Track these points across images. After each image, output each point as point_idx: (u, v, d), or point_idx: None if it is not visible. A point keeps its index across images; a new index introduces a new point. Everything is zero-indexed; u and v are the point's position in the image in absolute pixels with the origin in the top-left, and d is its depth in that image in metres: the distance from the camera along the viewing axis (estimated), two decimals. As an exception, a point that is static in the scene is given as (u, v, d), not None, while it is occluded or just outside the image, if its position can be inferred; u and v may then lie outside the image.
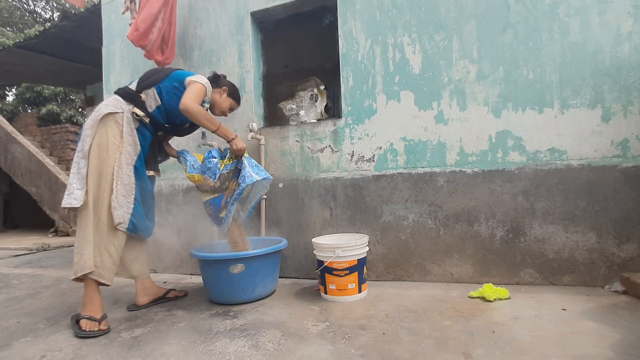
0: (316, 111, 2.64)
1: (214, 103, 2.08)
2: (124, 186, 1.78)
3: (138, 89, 1.89)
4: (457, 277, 2.13)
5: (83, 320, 1.66)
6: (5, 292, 2.47)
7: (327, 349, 1.38)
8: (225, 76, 2.16)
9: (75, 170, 1.76)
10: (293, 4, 2.53)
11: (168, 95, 1.89)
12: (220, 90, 2.08)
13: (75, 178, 1.74)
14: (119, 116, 1.81)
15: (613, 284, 1.85)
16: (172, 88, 1.89)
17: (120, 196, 1.76)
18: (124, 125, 1.81)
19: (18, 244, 5.03)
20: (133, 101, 1.86)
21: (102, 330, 1.66)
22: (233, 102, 2.16)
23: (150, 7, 2.46)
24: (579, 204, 1.92)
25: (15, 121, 7.97)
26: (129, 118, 1.83)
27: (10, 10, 12.38)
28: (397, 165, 2.25)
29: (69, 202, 1.71)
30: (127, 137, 1.81)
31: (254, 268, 1.95)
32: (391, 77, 2.27)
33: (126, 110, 1.83)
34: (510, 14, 2.04)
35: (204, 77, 1.93)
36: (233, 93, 2.14)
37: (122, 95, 1.87)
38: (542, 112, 1.98)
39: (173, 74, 1.92)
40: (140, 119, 1.86)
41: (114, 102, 1.84)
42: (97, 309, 1.72)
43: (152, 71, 1.97)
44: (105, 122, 1.78)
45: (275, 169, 2.54)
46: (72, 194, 1.72)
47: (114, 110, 1.80)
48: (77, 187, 1.73)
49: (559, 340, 1.35)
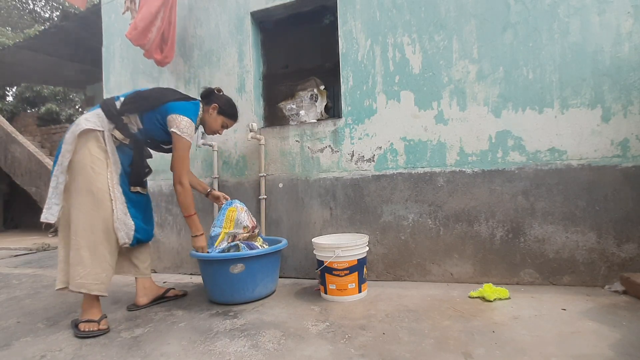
0: (316, 111, 2.64)
1: (204, 123, 2.03)
2: (122, 204, 1.78)
3: (121, 110, 1.82)
4: (457, 277, 2.13)
5: (82, 324, 1.68)
6: (5, 292, 2.47)
7: (327, 349, 1.38)
8: (219, 90, 2.04)
9: (54, 184, 1.73)
10: (293, 4, 2.52)
11: (149, 124, 1.86)
12: (209, 108, 1.98)
13: (54, 193, 1.72)
14: (100, 134, 1.76)
15: (613, 284, 1.85)
16: (154, 119, 1.85)
17: (121, 215, 1.77)
18: (107, 143, 1.77)
19: (18, 244, 5.03)
20: (114, 122, 1.81)
21: (102, 330, 1.67)
22: (226, 120, 2.05)
23: (150, 6, 2.45)
24: (579, 204, 1.92)
25: (15, 121, 7.96)
26: (109, 137, 1.79)
27: (9, 9, 12.37)
28: (397, 165, 2.25)
29: (46, 217, 1.70)
30: (111, 156, 1.78)
31: (254, 268, 1.95)
32: (391, 77, 2.27)
33: (106, 129, 1.78)
34: (510, 14, 2.04)
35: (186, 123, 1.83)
36: (224, 110, 2.02)
37: (105, 111, 1.81)
38: (542, 112, 1.98)
39: (162, 107, 1.84)
40: (119, 140, 1.83)
41: (96, 119, 1.78)
42: (95, 312, 1.73)
43: (139, 96, 1.88)
44: (85, 138, 1.73)
45: (275, 169, 2.54)
46: (50, 209, 1.70)
47: (94, 127, 1.74)
48: (55, 202, 1.71)
49: (559, 340, 1.35)
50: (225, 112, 2.03)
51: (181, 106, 1.86)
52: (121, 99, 1.86)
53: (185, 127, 1.83)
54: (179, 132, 1.82)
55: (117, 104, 1.84)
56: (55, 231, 6.05)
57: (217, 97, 2.01)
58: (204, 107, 2.00)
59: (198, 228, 1.95)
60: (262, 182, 2.51)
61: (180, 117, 1.83)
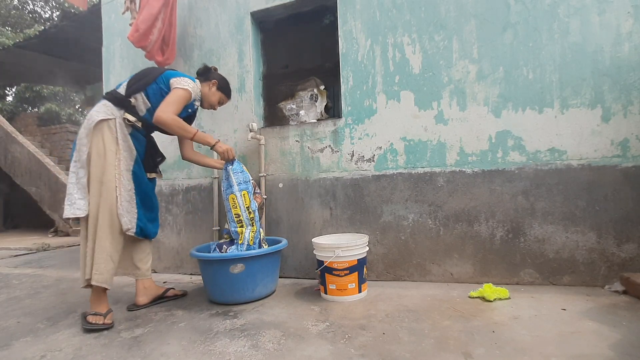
0: (316, 111, 2.64)
1: (202, 96, 2.06)
2: (127, 192, 1.81)
3: (127, 93, 1.86)
4: (457, 277, 2.13)
5: (90, 316, 1.73)
6: (5, 292, 2.47)
7: (327, 349, 1.38)
8: (216, 69, 2.14)
9: (74, 180, 1.76)
10: (293, 4, 2.52)
11: (155, 98, 1.87)
12: (210, 83, 2.05)
13: (75, 188, 1.75)
14: (112, 122, 1.80)
15: (613, 284, 1.85)
16: (158, 90, 1.88)
17: (125, 202, 1.80)
18: (117, 131, 1.80)
19: (18, 244, 5.03)
20: (123, 106, 1.84)
21: (106, 324, 1.72)
22: (222, 95, 2.12)
23: (151, 8, 2.45)
24: (579, 204, 1.92)
25: (15, 121, 7.96)
26: (122, 124, 1.82)
27: (8, 9, 12.37)
28: (397, 165, 2.25)
29: (72, 212, 1.73)
30: (122, 143, 1.81)
31: (254, 268, 1.95)
32: (391, 77, 2.27)
33: (117, 116, 1.82)
34: (510, 14, 2.04)
35: (189, 81, 1.90)
36: (223, 87, 2.10)
37: (111, 100, 1.85)
38: (542, 112, 1.98)
39: (161, 76, 1.89)
40: (132, 124, 1.85)
41: (105, 109, 1.81)
42: (103, 305, 1.78)
43: (141, 74, 1.93)
44: (99, 129, 1.78)
45: (275, 169, 2.54)
46: (75, 204, 1.74)
47: (105, 116, 1.78)
48: (79, 196, 1.75)
49: (559, 340, 1.35)
50: (223, 88, 2.11)
51: (180, 73, 1.94)
52: (123, 85, 1.90)
53: (187, 83, 1.88)
54: (180, 85, 1.86)
55: (120, 90, 1.89)
56: (55, 231, 6.06)
57: (215, 74, 2.10)
58: (203, 83, 2.05)
59: (210, 138, 1.99)
60: (262, 182, 2.51)
61: (182, 77, 1.90)
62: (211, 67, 2.11)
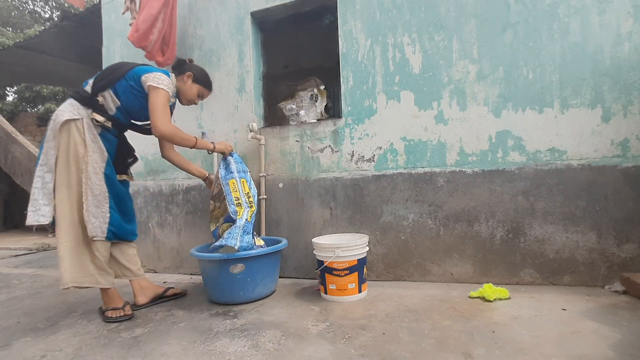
0: (316, 111, 2.64)
1: (179, 92, 1.96)
2: (94, 197, 1.73)
3: (94, 90, 1.78)
4: (457, 277, 2.13)
5: (108, 311, 1.80)
6: (6, 292, 2.47)
7: (327, 349, 1.38)
8: (191, 60, 2.02)
9: (40, 185, 1.70)
10: (293, 4, 2.52)
11: (125, 95, 1.80)
12: (184, 77, 1.94)
13: (40, 193, 1.69)
14: (79, 122, 1.72)
15: (613, 284, 1.85)
16: (127, 87, 1.79)
17: (92, 207, 1.73)
18: (85, 132, 1.72)
19: (18, 244, 5.03)
20: (91, 105, 1.76)
21: (127, 315, 1.81)
22: (201, 88, 1.99)
23: (151, 8, 2.45)
24: (579, 204, 1.92)
25: (15, 121, 7.96)
26: (89, 124, 1.74)
27: (9, 9, 12.37)
28: (397, 165, 2.25)
29: (35, 219, 1.67)
30: (91, 144, 1.73)
31: (254, 268, 1.95)
32: (391, 77, 2.27)
33: (84, 115, 1.74)
34: (510, 14, 2.04)
35: (162, 77, 1.79)
36: (199, 78, 1.97)
37: (77, 99, 1.76)
38: (542, 112, 1.98)
39: (130, 72, 1.79)
40: (101, 124, 1.77)
41: (71, 108, 1.73)
42: (116, 300, 1.84)
43: (108, 70, 1.84)
44: (66, 130, 1.70)
45: (275, 169, 2.54)
46: (39, 210, 1.68)
47: (71, 116, 1.70)
48: (44, 202, 1.69)
49: (559, 340, 1.35)
50: (200, 80, 1.99)
51: (151, 68, 1.84)
52: (89, 82, 1.82)
53: (162, 80, 1.78)
54: (155, 84, 1.76)
55: (87, 88, 1.81)
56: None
57: (190, 66, 1.98)
58: (177, 77, 1.95)
59: (208, 143, 1.99)
60: (262, 182, 2.51)
61: (154, 73, 1.79)
62: (185, 60, 2.00)
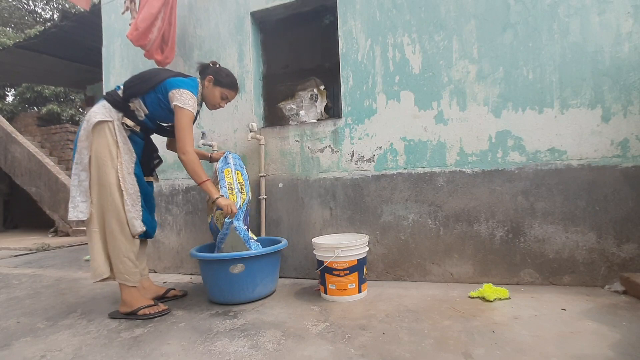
0: (316, 111, 2.64)
1: (204, 98, 1.98)
2: (129, 196, 1.82)
3: (125, 95, 1.84)
4: (457, 277, 2.13)
5: (142, 310, 1.81)
6: (5, 292, 2.47)
7: (327, 349, 1.38)
8: (215, 63, 1.99)
9: (77, 182, 1.79)
10: (293, 4, 2.53)
11: (152, 107, 1.87)
12: (205, 81, 1.94)
13: (77, 191, 1.79)
14: (111, 124, 1.79)
15: (613, 284, 1.85)
16: (156, 100, 1.85)
17: (130, 206, 1.81)
18: (117, 134, 1.80)
19: (18, 244, 5.03)
20: (122, 110, 1.84)
21: (164, 310, 1.85)
22: (224, 90, 1.96)
23: (150, 7, 2.45)
24: (579, 204, 1.92)
25: (15, 121, 7.96)
26: (120, 127, 1.82)
27: (10, 10, 12.38)
28: (397, 165, 2.25)
29: (75, 215, 1.77)
30: (122, 146, 1.81)
31: (254, 268, 1.95)
32: (391, 77, 2.27)
33: (116, 118, 1.81)
34: (510, 14, 2.04)
35: (187, 94, 1.80)
36: (221, 80, 1.94)
37: (110, 102, 1.83)
38: (542, 112, 1.98)
39: (161, 86, 1.83)
40: (130, 128, 1.85)
41: (103, 110, 1.80)
42: (143, 299, 1.87)
43: (140, 77, 1.89)
44: (98, 131, 1.78)
45: (275, 169, 2.54)
46: (77, 207, 1.78)
47: (104, 118, 1.78)
48: (81, 199, 1.78)
49: (559, 340, 1.35)
50: (222, 82, 1.95)
51: (179, 81, 1.85)
52: (122, 87, 1.88)
53: (187, 99, 1.81)
54: (181, 104, 1.79)
55: (119, 92, 1.87)
56: (55, 231, 6.06)
57: (211, 70, 1.96)
58: (200, 83, 1.95)
59: (214, 191, 1.87)
60: (262, 182, 2.51)
61: (181, 90, 1.81)
62: (209, 63, 1.98)
